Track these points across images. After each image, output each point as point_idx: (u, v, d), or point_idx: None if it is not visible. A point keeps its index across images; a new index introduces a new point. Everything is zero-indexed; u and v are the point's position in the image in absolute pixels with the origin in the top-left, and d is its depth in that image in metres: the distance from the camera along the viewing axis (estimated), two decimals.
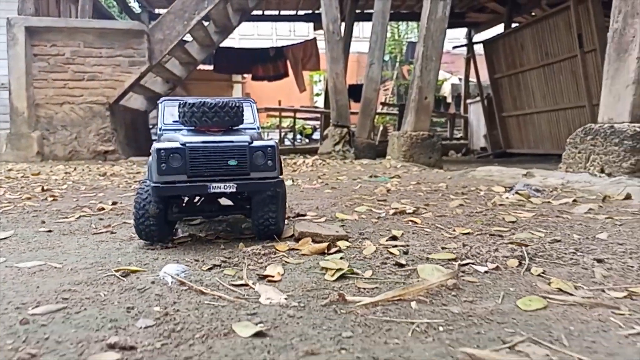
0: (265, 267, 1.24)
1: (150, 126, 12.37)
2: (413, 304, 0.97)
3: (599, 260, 1.28)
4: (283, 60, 15.61)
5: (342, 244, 1.49)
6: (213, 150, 1.49)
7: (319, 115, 16.38)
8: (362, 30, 22.38)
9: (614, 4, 3.32)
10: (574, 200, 2.47)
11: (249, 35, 26.13)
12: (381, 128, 15.85)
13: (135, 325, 0.88)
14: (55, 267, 1.31)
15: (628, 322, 0.86)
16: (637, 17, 3.09)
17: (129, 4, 14.91)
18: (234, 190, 1.50)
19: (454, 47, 15.68)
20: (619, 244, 1.47)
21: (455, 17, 13.67)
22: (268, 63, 15.72)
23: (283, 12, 15.62)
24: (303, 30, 24.63)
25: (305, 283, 1.12)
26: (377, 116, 14.90)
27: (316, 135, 17.83)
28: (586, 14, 9.12)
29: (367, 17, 13.81)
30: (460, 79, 17.89)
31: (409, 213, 2.15)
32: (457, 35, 18.08)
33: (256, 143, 1.54)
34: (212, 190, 1.48)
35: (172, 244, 1.61)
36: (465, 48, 15.06)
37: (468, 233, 1.69)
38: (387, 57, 19.31)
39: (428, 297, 1.01)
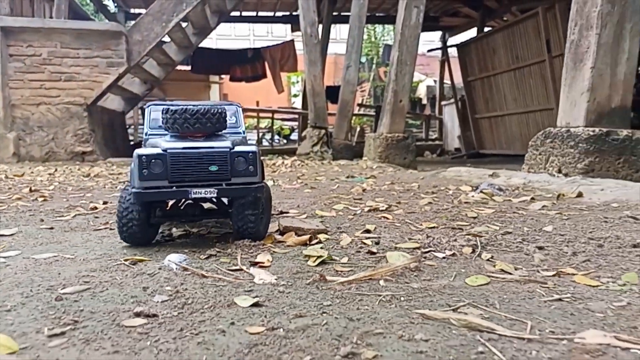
0: (256, 256, 1.43)
1: (127, 126, 12.38)
2: (381, 282, 1.17)
3: (540, 248, 1.51)
4: (261, 62, 15.73)
5: (322, 236, 1.69)
6: (194, 156, 1.51)
7: (296, 116, 16.55)
8: (339, 32, 22.62)
9: (571, 17, 3.59)
10: (532, 198, 2.71)
11: (226, 36, 26.12)
12: (358, 129, 16.11)
13: (153, 300, 1.06)
14: (69, 258, 1.48)
15: (550, 293, 1.08)
16: (591, 30, 3.36)
17: (104, 3, 14.82)
18: (215, 195, 1.53)
19: (429, 50, 16.04)
20: (561, 235, 1.70)
21: (430, 20, 14.01)
22: (246, 64, 15.83)
23: (261, 14, 15.72)
24: (281, 32, 24.74)
25: (291, 267, 1.32)
26: (354, 117, 15.14)
27: (294, 136, 17.99)
28: (554, 20, 9.50)
29: (344, 20, 14.05)
30: (435, 81, 18.25)
31: (382, 210, 2.36)
32: (432, 38, 18.46)
33: (237, 148, 1.56)
34: (193, 196, 1.51)
35: (170, 238, 1.78)
36: (440, 51, 15.43)
37: (433, 227, 1.91)
38: (363, 59, 19.57)
39: (394, 277, 1.21)
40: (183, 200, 1.71)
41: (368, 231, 1.80)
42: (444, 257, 1.41)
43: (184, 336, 0.86)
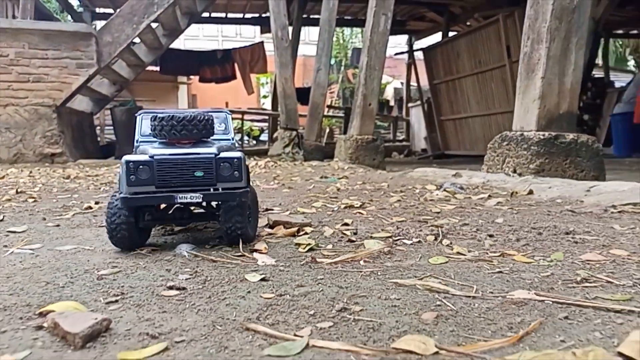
0: (254, 245, 1.68)
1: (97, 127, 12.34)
2: (361, 262, 1.44)
3: (490, 236, 1.81)
4: (231, 63, 15.83)
5: (307, 229, 1.95)
6: (180, 162, 1.56)
7: (266, 117, 16.72)
8: (308, 34, 22.92)
9: (524, 31, 3.95)
10: (489, 196, 3.03)
11: (194, 37, 26.00)
12: (327, 130, 16.41)
13: (178, 278, 1.30)
14: (88, 249, 1.69)
15: (494, 268, 1.37)
16: (542, 43, 3.73)
17: (70, 3, 14.65)
18: (200, 200, 1.57)
19: (396, 54, 16.46)
20: (509, 225, 2.01)
21: (397, 24, 14.42)
22: (215, 65, 15.91)
23: (230, 15, 15.82)
24: (249, 33, 24.80)
25: (286, 253, 1.58)
26: (323, 119, 15.42)
27: (264, 137, 18.16)
28: (514, 27, 9.99)
29: (313, 22, 14.36)
30: (402, 83, 18.73)
31: (357, 207, 2.64)
32: (399, 41, 18.93)
33: (222, 154, 1.60)
34: (179, 201, 1.56)
35: (172, 232, 2.01)
36: (406, 54, 15.88)
37: (402, 220, 2.19)
38: (332, 61, 19.90)
39: (371, 258, 1.49)
40: (174, 205, 1.76)
41: (346, 224, 2.07)
42: (411, 244, 1.69)
43: (213, 301, 1.11)
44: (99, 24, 14.98)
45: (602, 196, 2.67)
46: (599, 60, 15.06)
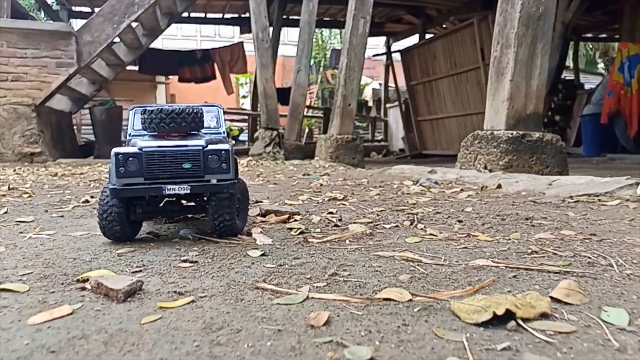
0: (250, 229, 1.88)
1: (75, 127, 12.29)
2: (347, 241, 1.66)
3: (460, 221, 2.04)
4: (210, 63, 15.91)
5: (296, 217, 2.15)
6: (168, 154, 1.58)
7: (246, 117, 16.83)
8: (287, 34, 23.09)
9: (494, 36, 4.22)
10: (461, 190, 3.28)
11: (172, 36, 25.90)
12: (307, 130, 16.61)
13: (189, 254, 1.49)
14: (99, 235, 1.86)
15: (460, 244, 1.60)
16: (510, 48, 4.00)
17: (46, 1, 14.53)
18: (188, 191, 1.59)
19: (374, 55, 16.75)
20: (477, 213, 2.24)
21: (375, 26, 14.69)
22: (195, 65, 15.97)
23: (210, 15, 15.87)
24: (228, 33, 24.82)
25: (280, 236, 1.78)
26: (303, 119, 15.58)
27: (243, 137, 18.27)
28: (487, 30, 10.31)
29: (292, 23, 14.55)
30: (380, 84, 19.02)
31: (340, 199, 2.85)
32: (377, 43, 19.22)
33: (210, 147, 1.62)
34: (167, 192, 1.58)
35: (172, 221, 2.19)
36: (384, 55, 16.18)
37: (381, 210, 2.42)
38: (311, 62, 20.09)
39: (355, 239, 1.70)
40: (166, 198, 1.77)
41: (331, 213, 2.28)
42: (390, 227, 1.91)
43: (223, 270, 1.31)
44: (75, 22, 14.93)
45: (561, 188, 2.94)
46: (570, 63, 15.58)
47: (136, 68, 15.22)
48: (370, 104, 20.03)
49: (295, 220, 2.09)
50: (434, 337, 0.84)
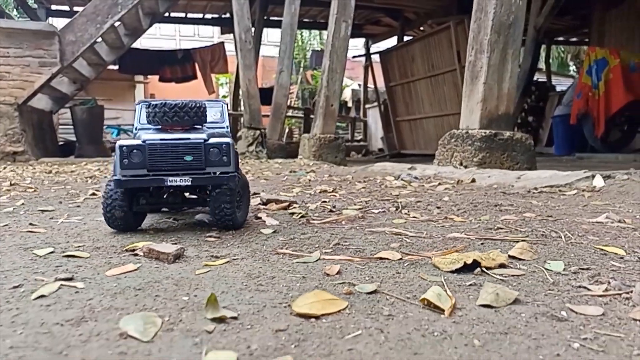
0: (257, 214, 2.15)
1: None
2: (343, 222, 1.94)
3: (438, 207, 2.35)
4: (191, 63, 16.02)
5: (295, 205, 2.43)
6: (170, 146, 1.64)
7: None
8: (267, 35, 23.25)
9: (469, 42, 4.55)
10: (439, 183, 3.59)
11: (151, 35, 25.79)
12: (287, 130, 16.84)
13: (210, 233, 1.75)
14: None
15: (438, 224, 1.90)
16: (483, 53, 4.33)
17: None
18: (189, 183, 1.65)
19: (354, 57, 17.06)
20: (453, 202, 2.55)
21: (355, 28, 14.94)
22: (175, 65, 16.06)
23: (190, 15, 15.97)
24: (207, 32, 24.89)
25: (284, 219, 2.06)
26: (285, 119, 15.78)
27: None
28: (463, 33, 10.69)
29: (272, 24, 14.79)
30: (359, 85, 19.36)
31: (330, 192, 3.13)
32: (356, 44, 19.56)
33: (212, 140, 1.67)
34: (169, 184, 1.64)
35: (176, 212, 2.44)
36: (364, 57, 16.52)
37: (368, 200, 2.71)
38: None
39: (350, 220, 1.99)
40: (169, 190, 1.83)
41: (325, 202, 2.56)
42: (378, 212, 2.21)
43: (245, 242, 1.58)
44: (52, 20, 14.87)
45: (528, 181, 3.28)
46: (542, 66, 16.15)
47: (115, 67, 15.23)
48: (350, 104, 20.36)
49: (294, 207, 2.37)
50: (420, 279, 1.13)
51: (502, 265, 1.21)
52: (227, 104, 2.10)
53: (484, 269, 1.17)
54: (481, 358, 0.72)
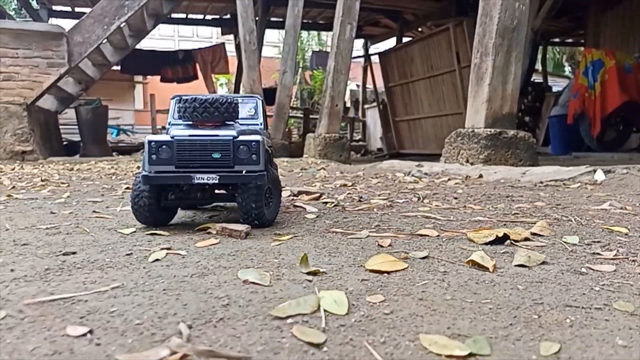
0: (293, 203, 2.37)
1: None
2: (374, 209, 2.17)
3: (455, 198, 2.58)
4: (192, 63, 16.21)
5: (324, 196, 2.66)
6: (198, 143, 1.61)
7: None
8: (266, 36, 23.39)
9: (474, 45, 4.79)
10: (449, 179, 3.82)
11: (150, 35, 25.87)
12: (286, 130, 17.03)
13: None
14: None
15: (460, 211, 2.13)
16: (488, 56, 4.58)
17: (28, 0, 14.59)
18: (217, 181, 1.62)
19: (353, 57, 17.26)
20: (467, 194, 2.79)
21: None
22: (177, 65, 16.25)
23: (191, 16, 16.14)
24: (207, 33, 25.04)
25: (321, 207, 2.28)
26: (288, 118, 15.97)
27: None
28: (462, 35, 10.96)
29: (273, 25, 15.01)
30: (358, 86, 19.58)
31: (350, 186, 3.36)
32: (355, 45, 19.75)
33: (241, 137, 1.64)
34: (196, 181, 1.61)
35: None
36: (363, 57, 16.75)
37: (388, 192, 2.94)
38: None
39: (380, 208, 2.22)
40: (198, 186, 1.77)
41: (350, 194, 2.79)
42: (402, 202, 2.44)
43: (297, 224, 1.81)
44: (54, 20, 15.00)
45: (533, 176, 3.52)
46: (539, 67, 16.45)
47: (118, 68, 15.39)
48: (349, 104, 20.56)
49: (325, 198, 2.60)
50: (461, 249, 1.36)
51: (526, 239, 1.44)
52: (262, 100, 2.05)
53: (512, 242, 1.40)
54: (526, 295, 0.96)
